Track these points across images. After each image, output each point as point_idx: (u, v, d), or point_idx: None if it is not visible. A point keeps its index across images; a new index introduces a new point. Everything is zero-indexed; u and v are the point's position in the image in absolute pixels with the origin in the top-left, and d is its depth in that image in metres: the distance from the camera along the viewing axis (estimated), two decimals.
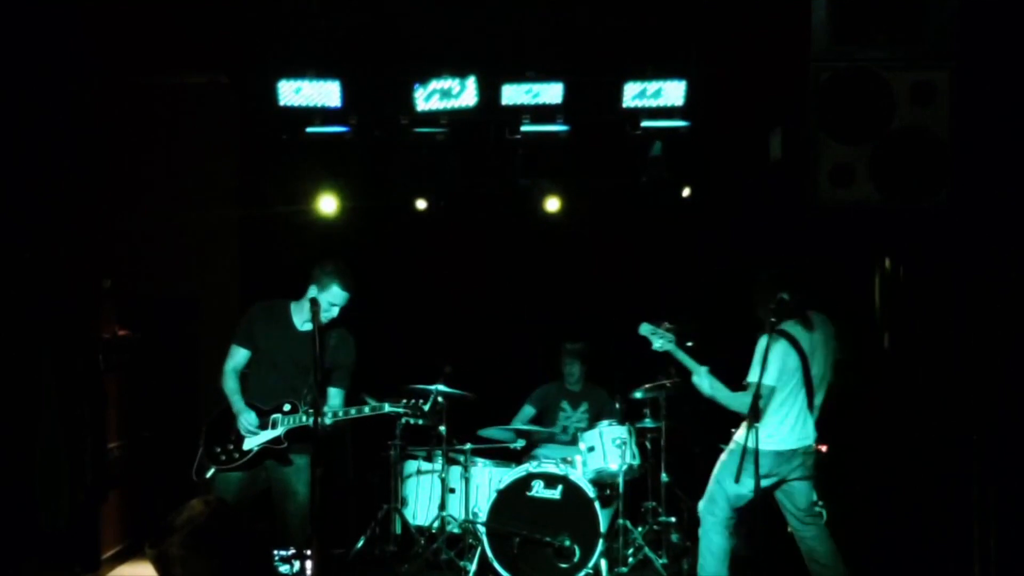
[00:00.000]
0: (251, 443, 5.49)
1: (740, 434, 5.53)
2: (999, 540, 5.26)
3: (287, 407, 5.47)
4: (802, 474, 5.58)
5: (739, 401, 5.53)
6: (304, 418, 5.41)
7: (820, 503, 5.61)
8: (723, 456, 5.72)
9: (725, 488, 5.59)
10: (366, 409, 5.54)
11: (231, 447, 5.50)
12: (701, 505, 5.77)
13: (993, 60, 5.19)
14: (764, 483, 5.46)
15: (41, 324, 6.28)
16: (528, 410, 7.70)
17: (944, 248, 5.68)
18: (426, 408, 5.65)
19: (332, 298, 5.48)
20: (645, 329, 5.87)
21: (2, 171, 5.93)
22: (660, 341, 5.83)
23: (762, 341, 5.45)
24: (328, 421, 5.38)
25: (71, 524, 6.46)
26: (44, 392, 6.33)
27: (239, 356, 5.63)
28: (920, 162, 5.09)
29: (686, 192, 7.82)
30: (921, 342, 6.01)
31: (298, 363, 5.41)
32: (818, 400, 5.61)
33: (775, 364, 5.45)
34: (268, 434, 5.47)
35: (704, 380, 5.72)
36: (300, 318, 5.59)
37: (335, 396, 5.55)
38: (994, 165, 5.24)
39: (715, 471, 5.74)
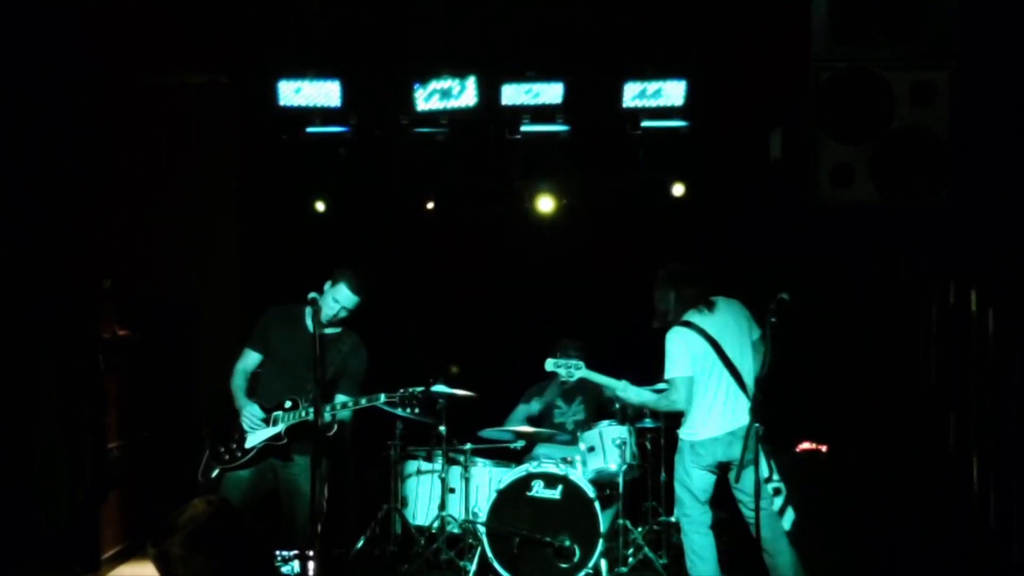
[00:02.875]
0: (253, 441, 5.55)
1: (681, 430, 5.68)
2: (1000, 540, 5.26)
3: (288, 404, 5.52)
4: (747, 457, 5.53)
5: (667, 400, 5.64)
6: (304, 414, 5.45)
7: (776, 479, 5.52)
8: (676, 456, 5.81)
9: (685, 485, 5.65)
10: (362, 401, 5.57)
11: (234, 446, 5.58)
12: (675, 511, 5.82)
13: (993, 60, 5.19)
14: (708, 473, 5.59)
15: (41, 324, 6.29)
16: (529, 407, 7.62)
17: (942, 247, 5.68)
18: (417, 392, 5.60)
19: (339, 296, 5.52)
20: (551, 365, 5.99)
21: (2, 171, 5.94)
22: (567, 371, 5.95)
23: (668, 336, 5.59)
24: (326, 418, 5.40)
25: (71, 524, 6.46)
26: (44, 392, 6.33)
27: (250, 359, 5.74)
28: (920, 162, 5.09)
29: (679, 191, 7.79)
30: (920, 341, 6.02)
31: (309, 366, 5.43)
32: (748, 380, 5.60)
33: (685, 355, 5.55)
34: (269, 431, 5.52)
35: (629, 392, 5.85)
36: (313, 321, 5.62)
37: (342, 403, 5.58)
38: (994, 165, 5.24)
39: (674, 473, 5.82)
